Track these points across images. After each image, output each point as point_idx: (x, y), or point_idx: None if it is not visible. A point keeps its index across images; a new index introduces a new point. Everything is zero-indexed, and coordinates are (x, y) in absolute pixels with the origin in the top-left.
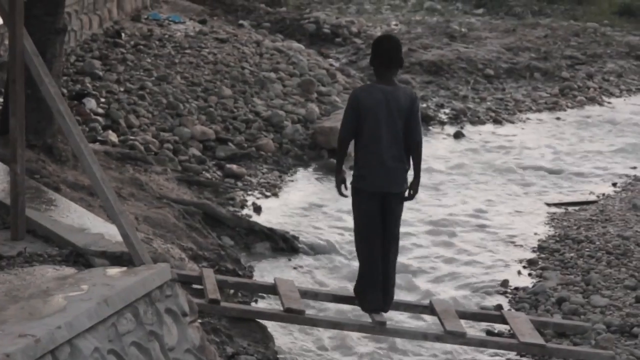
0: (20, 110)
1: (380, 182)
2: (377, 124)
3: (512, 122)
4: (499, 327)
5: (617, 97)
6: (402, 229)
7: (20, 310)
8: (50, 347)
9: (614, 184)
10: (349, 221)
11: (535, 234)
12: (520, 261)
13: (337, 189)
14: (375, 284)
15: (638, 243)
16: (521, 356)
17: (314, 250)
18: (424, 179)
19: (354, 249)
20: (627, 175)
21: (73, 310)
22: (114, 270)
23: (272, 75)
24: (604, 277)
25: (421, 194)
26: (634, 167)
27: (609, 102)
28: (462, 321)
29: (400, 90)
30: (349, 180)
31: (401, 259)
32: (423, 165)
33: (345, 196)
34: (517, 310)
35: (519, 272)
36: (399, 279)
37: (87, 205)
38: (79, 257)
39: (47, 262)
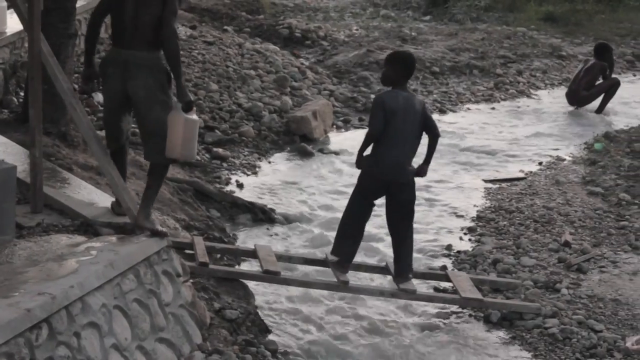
0: (38, 103)
1: (388, 172)
2: (397, 125)
3: (455, 112)
4: (444, 284)
5: (543, 90)
6: None
7: (39, 272)
8: (64, 303)
9: (540, 163)
10: (318, 196)
11: (474, 205)
12: (462, 229)
13: (357, 165)
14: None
15: (560, 213)
16: (463, 309)
17: (288, 220)
18: None
19: (321, 219)
20: (550, 156)
21: (84, 272)
22: (118, 238)
23: (252, 72)
24: (531, 242)
25: None
26: (557, 149)
27: (536, 94)
28: (413, 280)
29: (415, 97)
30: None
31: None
32: None
33: (361, 168)
34: (459, 270)
35: (461, 238)
36: (362, 244)
37: (95, 183)
38: (89, 227)
39: (62, 231)
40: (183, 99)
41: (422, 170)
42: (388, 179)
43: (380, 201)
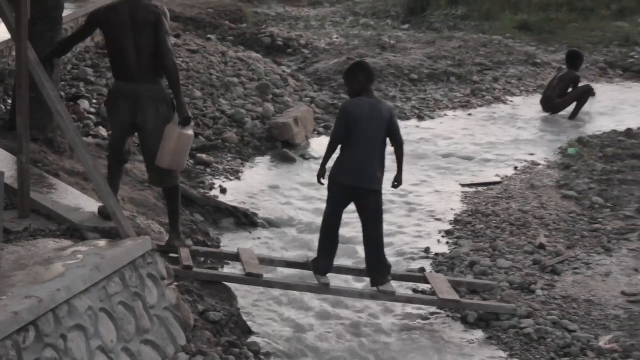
0: (25, 110)
1: (353, 178)
2: (361, 131)
3: (433, 118)
4: (422, 286)
5: (518, 96)
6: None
7: (26, 276)
8: (51, 306)
9: (515, 168)
10: (300, 201)
11: (452, 209)
12: (440, 232)
13: (317, 177)
14: (323, 250)
15: (535, 216)
16: (441, 310)
17: (270, 224)
18: None
19: (303, 223)
20: (526, 161)
21: (70, 275)
22: (104, 242)
23: (235, 80)
24: (507, 244)
25: None
26: (532, 154)
27: (512, 101)
28: (393, 282)
29: (382, 103)
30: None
31: (343, 231)
32: None
33: (322, 184)
34: (437, 272)
35: (439, 241)
36: (342, 247)
37: (81, 188)
38: (75, 232)
39: (49, 236)
40: (182, 115)
41: (397, 181)
42: (353, 185)
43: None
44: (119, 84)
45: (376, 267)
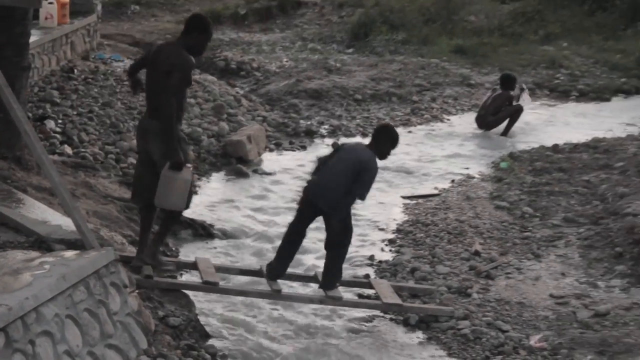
0: None
1: (314, 195)
2: (337, 160)
3: None
4: (367, 291)
5: (454, 115)
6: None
7: None
8: (20, 313)
9: (452, 181)
10: (253, 212)
11: (394, 219)
12: (383, 240)
13: None
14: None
15: (471, 225)
16: (384, 313)
17: (226, 235)
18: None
19: (256, 233)
20: (461, 174)
21: (38, 284)
22: (69, 253)
23: (192, 100)
24: (445, 252)
25: None
26: (467, 168)
27: (448, 119)
28: (340, 287)
29: (358, 151)
30: None
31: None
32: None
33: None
34: (381, 278)
35: (382, 249)
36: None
37: (48, 203)
38: (42, 244)
39: (17, 247)
40: (170, 159)
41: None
42: (310, 199)
43: (315, 224)
44: (141, 117)
45: (330, 273)
